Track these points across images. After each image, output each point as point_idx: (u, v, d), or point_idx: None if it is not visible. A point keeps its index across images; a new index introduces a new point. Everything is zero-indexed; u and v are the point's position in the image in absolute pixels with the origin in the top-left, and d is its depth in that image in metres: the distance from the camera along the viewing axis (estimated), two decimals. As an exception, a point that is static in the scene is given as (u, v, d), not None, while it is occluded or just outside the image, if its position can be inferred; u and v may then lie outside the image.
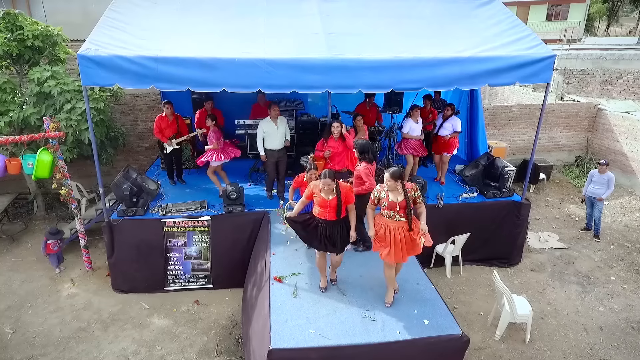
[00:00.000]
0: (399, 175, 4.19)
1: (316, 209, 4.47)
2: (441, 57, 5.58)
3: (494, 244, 6.93)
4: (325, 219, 4.40)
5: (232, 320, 5.80)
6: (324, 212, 4.39)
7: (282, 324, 4.19)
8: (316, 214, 4.46)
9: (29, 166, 6.15)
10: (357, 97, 8.13)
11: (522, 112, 11.05)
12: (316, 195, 4.42)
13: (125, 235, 6.09)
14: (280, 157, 6.80)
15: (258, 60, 5.28)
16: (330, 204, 4.34)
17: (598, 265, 7.18)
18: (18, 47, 7.01)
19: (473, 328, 5.68)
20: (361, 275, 5.00)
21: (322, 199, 4.36)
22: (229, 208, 6.32)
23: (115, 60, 5.10)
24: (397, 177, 4.16)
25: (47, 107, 6.91)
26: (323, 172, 4.35)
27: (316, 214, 4.46)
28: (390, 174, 4.15)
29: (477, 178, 7.35)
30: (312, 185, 4.51)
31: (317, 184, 4.44)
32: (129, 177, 6.64)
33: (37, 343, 5.40)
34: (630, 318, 5.92)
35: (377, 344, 3.98)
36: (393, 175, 4.15)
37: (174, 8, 6.42)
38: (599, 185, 7.65)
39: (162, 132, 6.98)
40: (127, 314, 5.92)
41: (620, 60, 14.39)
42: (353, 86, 5.54)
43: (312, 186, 4.50)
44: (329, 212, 4.37)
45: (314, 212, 4.51)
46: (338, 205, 4.33)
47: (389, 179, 4.15)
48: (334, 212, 4.36)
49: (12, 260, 7.20)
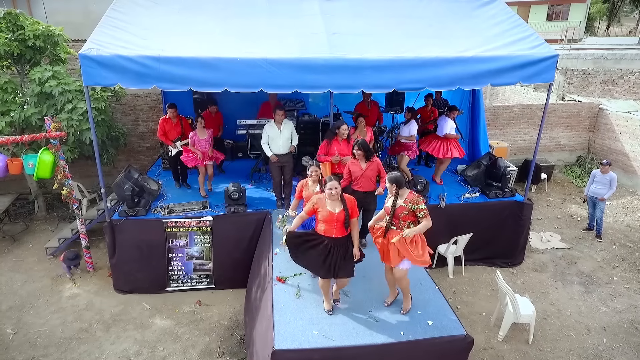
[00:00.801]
0: (394, 181, 4.05)
1: (321, 227, 4.11)
2: (443, 56, 5.57)
3: (496, 244, 6.92)
4: (332, 236, 4.08)
5: (235, 321, 5.78)
6: (331, 229, 4.06)
7: (285, 325, 4.17)
8: (321, 232, 4.11)
9: (30, 166, 6.13)
10: (358, 97, 8.13)
11: (523, 112, 11.04)
12: (321, 210, 4.08)
13: (127, 235, 6.07)
14: (285, 162, 6.54)
15: (260, 60, 5.27)
16: (338, 218, 4.03)
17: (600, 266, 7.16)
18: (19, 47, 6.99)
19: (476, 328, 5.66)
20: (364, 276, 4.98)
21: (328, 212, 4.04)
22: (230, 208, 6.30)
23: (117, 60, 5.08)
24: (392, 182, 4.07)
25: (48, 107, 6.89)
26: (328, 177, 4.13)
27: (322, 232, 4.11)
28: (387, 178, 4.15)
29: (479, 178, 7.34)
30: (316, 199, 4.13)
31: (320, 197, 4.12)
32: (130, 177, 6.63)
33: (39, 344, 5.39)
34: (634, 318, 5.90)
35: (380, 344, 3.97)
36: (389, 179, 4.11)
37: (176, 7, 6.41)
38: (601, 186, 7.64)
39: (167, 134, 6.89)
40: (129, 315, 5.90)
41: (622, 60, 14.39)
42: (355, 86, 5.53)
43: (315, 200, 4.13)
44: (337, 227, 4.06)
45: (318, 231, 4.15)
46: (346, 217, 4.03)
47: (387, 181, 4.16)
48: (342, 226, 4.06)
49: (13, 261, 7.19)
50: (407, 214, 4.03)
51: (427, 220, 4.02)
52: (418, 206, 4.01)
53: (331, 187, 4.01)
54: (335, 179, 4.07)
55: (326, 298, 4.45)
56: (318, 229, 4.17)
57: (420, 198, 4.07)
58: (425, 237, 4.22)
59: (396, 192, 4.06)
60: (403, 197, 4.06)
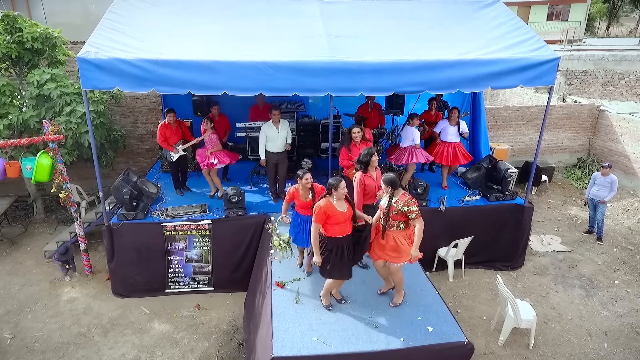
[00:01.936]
0: (389, 182, 4.17)
1: (334, 229, 4.18)
2: (443, 59, 5.53)
3: (496, 247, 6.88)
4: (346, 235, 4.24)
5: (233, 325, 5.75)
6: (345, 228, 4.21)
7: (284, 331, 4.14)
8: (337, 234, 4.19)
9: (28, 170, 6.10)
10: (358, 100, 8.07)
11: (524, 113, 11.00)
12: (333, 215, 4.13)
13: (126, 239, 6.04)
14: (280, 159, 6.80)
15: (259, 63, 5.24)
16: (349, 215, 4.23)
17: (601, 269, 7.13)
18: (17, 49, 6.96)
19: (476, 333, 5.63)
20: (364, 281, 4.95)
21: (341, 214, 4.14)
22: (229, 212, 6.27)
23: (115, 63, 5.05)
24: (387, 184, 4.20)
25: (46, 109, 6.86)
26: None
27: (337, 234, 4.19)
28: (382, 179, 4.28)
29: (479, 181, 7.30)
30: (325, 205, 4.12)
31: (329, 203, 4.14)
32: (129, 180, 6.59)
33: (37, 349, 5.35)
34: (635, 323, 5.87)
35: (380, 351, 3.94)
36: (384, 180, 4.24)
37: (174, 10, 6.38)
38: (602, 188, 7.60)
39: (167, 140, 6.82)
40: (127, 319, 5.87)
41: (623, 61, 14.35)
42: (355, 89, 5.50)
43: (325, 208, 4.11)
44: (349, 224, 4.27)
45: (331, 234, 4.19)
46: (353, 212, 4.30)
47: (382, 182, 4.28)
48: (351, 221, 4.30)
49: (12, 264, 7.15)
50: (397, 213, 4.17)
51: (420, 221, 4.16)
52: (409, 208, 4.12)
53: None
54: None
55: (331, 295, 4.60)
56: (332, 232, 4.20)
57: (412, 200, 4.19)
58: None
59: (391, 193, 4.18)
60: (396, 197, 4.19)
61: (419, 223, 4.13)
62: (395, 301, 4.60)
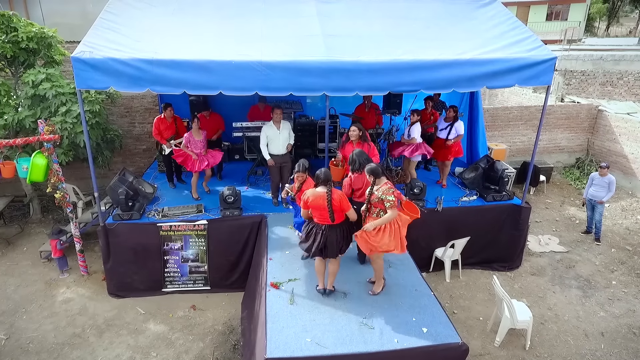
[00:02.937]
0: (371, 172, 4.33)
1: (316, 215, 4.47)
2: (439, 59, 5.51)
3: (493, 247, 6.86)
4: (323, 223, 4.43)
5: (229, 326, 5.73)
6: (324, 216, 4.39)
7: (278, 332, 4.11)
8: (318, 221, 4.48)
9: (24, 170, 6.06)
10: (357, 99, 8.06)
11: (522, 113, 10.98)
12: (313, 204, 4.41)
13: (121, 239, 6.02)
14: (284, 162, 6.67)
15: (255, 62, 5.21)
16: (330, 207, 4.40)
17: (599, 269, 7.11)
18: (13, 49, 6.93)
19: (472, 334, 5.61)
20: (359, 282, 4.93)
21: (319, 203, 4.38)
22: (225, 212, 6.25)
23: (110, 63, 5.03)
24: (369, 173, 4.34)
25: (42, 109, 6.83)
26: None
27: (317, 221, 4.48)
28: (365, 169, 4.43)
29: (476, 181, 7.28)
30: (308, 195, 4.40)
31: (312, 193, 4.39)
32: (124, 180, 6.57)
33: (31, 349, 5.33)
34: (632, 323, 5.85)
35: (374, 352, 3.91)
36: (367, 170, 4.39)
37: (170, 9, 6.35)
38: (600, 188, 7.59)
39: (161, 133, 6.93)
40: (123, 320, 5.85)
41: (621, 61, 14.33)
42: (351, 89, 5.47)
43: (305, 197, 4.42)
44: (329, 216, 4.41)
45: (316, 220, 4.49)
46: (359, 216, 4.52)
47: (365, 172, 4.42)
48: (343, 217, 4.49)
49: (7, 265, 7.13)
50: (377, 201, 4.29)
51: (393, 211, 4.24)
52: (386, 197, 4.21)
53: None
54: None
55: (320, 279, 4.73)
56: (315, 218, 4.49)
57: (392, 190, 4.28)
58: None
59: (373, 181, 4.32)
60: (378, 185, 4.31)
61: (391, 211, 4.23)
62: (374, 289, 4.72)
